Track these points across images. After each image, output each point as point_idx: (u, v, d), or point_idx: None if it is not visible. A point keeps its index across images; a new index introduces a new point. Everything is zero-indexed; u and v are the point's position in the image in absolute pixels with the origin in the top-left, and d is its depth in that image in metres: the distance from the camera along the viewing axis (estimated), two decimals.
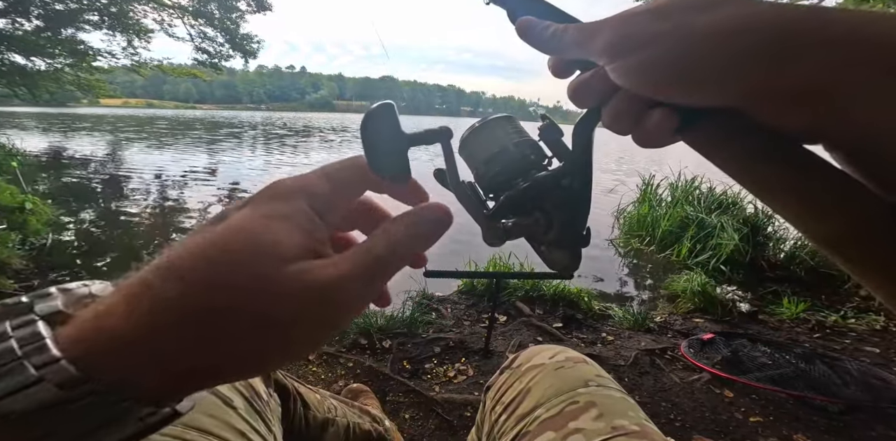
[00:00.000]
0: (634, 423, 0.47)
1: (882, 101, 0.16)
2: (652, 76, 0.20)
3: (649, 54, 0.20)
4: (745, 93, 0.18)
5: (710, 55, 0.18)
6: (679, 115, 0.21)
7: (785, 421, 1.41)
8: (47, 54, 8.41)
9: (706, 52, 0.18)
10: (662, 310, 2.43)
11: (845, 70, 0.16)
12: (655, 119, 0.21)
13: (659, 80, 0.20)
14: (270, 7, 10.29)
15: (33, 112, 32.43)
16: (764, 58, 0.17)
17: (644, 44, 0.20)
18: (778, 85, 0.17)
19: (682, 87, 0.19)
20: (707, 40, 0.18)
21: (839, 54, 0.16)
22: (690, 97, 0.20)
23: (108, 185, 6.08)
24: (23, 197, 3.50)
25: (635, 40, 0.20)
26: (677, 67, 0.19)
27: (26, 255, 2.86)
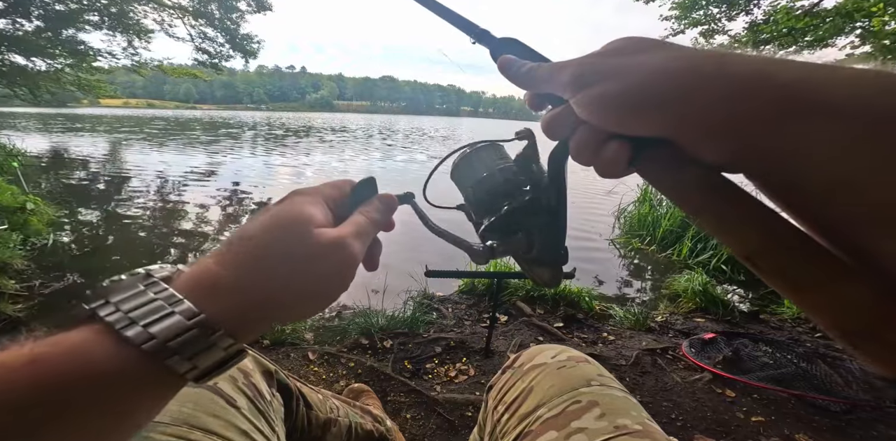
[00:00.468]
0: (637, 423, 0.47)
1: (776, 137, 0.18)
2: (603, 107, 0.24)
3: (601, 88, 0.23)
4: (672, 124, 0.21)
5: (644, 89, 0.22)
6: (631, 147, 0.24)
7: (787, 421, 1.41)
8: (48, 55, 8.41)
9: (642, 86, 0.22)
10: (663, 309, 2.42)
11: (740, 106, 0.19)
12: (611, 149, 0.25)
13: (608, 110, 0.23)
14: (271, 7, 10.29)
15: (32, 112, 32.41)
16: (680, 94, 0.20)
17: (597, 79, 0.24)
18: (691, 119, 0.20)
19: (626, 116, 0.23)
20: (643, 76, 0.22)
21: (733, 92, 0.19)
22: (632, 126, 0.23)
23: (103, 185, 6.09)
24: (24, 197, 3.50)
25: (590, 76, 0.24)
26: (621, 98, 0.22)
27: (28, 255, 2.87)
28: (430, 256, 3.58)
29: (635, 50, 0.24)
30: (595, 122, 0.24)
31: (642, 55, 0.23)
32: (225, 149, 11.67)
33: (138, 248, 3.46)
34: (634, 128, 0.23)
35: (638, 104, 0.22)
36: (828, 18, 5.21)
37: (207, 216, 4.61)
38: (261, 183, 6.77)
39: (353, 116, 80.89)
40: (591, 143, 0.25)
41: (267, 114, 75.58)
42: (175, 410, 0.41)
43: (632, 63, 0.23)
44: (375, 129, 29.54)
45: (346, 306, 2.58)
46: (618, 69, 0.23)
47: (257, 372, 0.52)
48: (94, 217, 4.24)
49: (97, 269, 2.95)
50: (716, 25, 6.48)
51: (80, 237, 3.57)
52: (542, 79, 0.28)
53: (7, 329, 2.05)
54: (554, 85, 0.27)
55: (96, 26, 8.49)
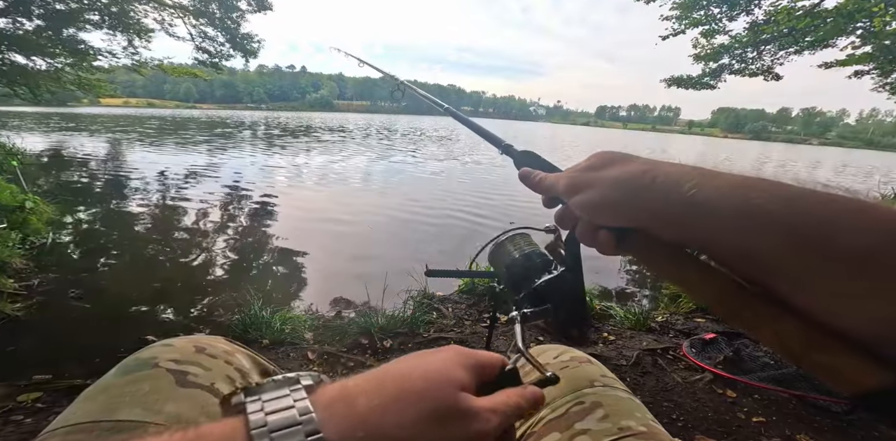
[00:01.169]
0: (641, 424, 0.46)
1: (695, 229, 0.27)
2: (586, 209, 0.33)
3: (583, 196, 0.33)
4: (630, 217, 0.30)
5: (607, 195, 0.31)
6: (614, 234, 0.33)
7: (788, 421, 1.40)
8: (48, 54, 8.40)
9: (606, 193, 0.31)
10: (664, 309, 2.42)
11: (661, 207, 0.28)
12: (601, 236, 0.33)
13: (590, 211, 0.33)
14: (271, 6, 10.28)
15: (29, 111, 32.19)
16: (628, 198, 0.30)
17: (581, 188, 0.33)
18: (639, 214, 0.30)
19: (601, 214, 0.32)
20: (605, 187, 0.32)
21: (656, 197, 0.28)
22: (608, 220, 0.32)
23: (88, 183, 6.08)
24: (23, 196, 3.50)
25: (577, 186, 0.34)
26: (595, 203, 0.32)
27: (27, 254, 2.86)
28: (431, 256, 3.58)
29: (601, 165, 0.33)
30: (587, 218, 0.34)
31: (605, 170, 0.33)
32: (216, 149, 11.67)
33: (137, 248, 3.46)
34: (609, 221, 0.32)
35: (606, 206, 0.32)
36: (828, 19, 5.20)
37: (197, 215, 4.60)
38: (252, 183, 6.77)
39: (353, 116, 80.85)
40: (588, 232, 0.35)
41: (266, 113, 75.56)
42: (173, 412, 0.40)
43: (599, 176, 0.33)
44: (374, 128, 29.44)
45: (347, 304, 2.57)
46: (590, 182, 0.33)
47: (255, 372, 0.52)
48: (91, 215, 4.23)
49: (97, 269, 2.94)
50: (716, 25, 6.47)
51: (80, 236, 3.56)
52: (549, 187, 0.39)
53: (6, 328, 2.05)
54: (556, 192, 0.38)
55: (97, 25, 8.47)
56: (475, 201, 5.87)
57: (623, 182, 0.30)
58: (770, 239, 0.23)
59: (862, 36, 5.26)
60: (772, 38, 5.96)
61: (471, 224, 4.72)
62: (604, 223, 0.33)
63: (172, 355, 0.46)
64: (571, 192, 0.34)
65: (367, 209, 5.21)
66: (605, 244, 0.33)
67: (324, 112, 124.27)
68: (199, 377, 0.44)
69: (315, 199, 5.75)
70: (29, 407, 1.41)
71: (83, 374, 1.63)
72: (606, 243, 0.33)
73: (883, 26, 4.74)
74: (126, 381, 0.42)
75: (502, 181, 7.72)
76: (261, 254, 3.56)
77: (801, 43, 5.84)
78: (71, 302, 2.42)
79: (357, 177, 7.84)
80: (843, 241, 0.21)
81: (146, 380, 0.42)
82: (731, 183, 0.26)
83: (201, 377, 0.44)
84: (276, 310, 2.14)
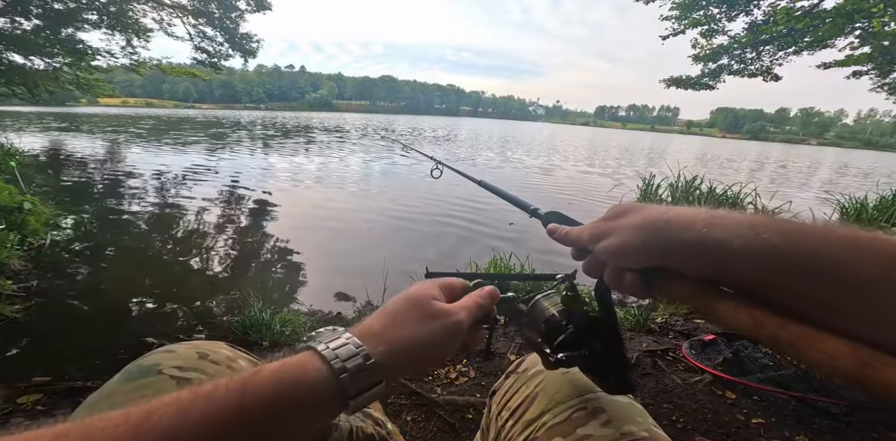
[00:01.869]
0: (643, 429, 0.47)
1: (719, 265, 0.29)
2: (611, 254, 0.37)
3: (606, 242, 0.37)
4: (654, 257, 0.33)
5: (628, 240, 0.35)
6: (640, 275, 0.35)
7: (787, 423, 1.41)
8: (46, 53, 8.37)
9: (626, 238, 0.35)
10: (663, 311, 2.42)
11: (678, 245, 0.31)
12: (628, 279, 0.36)
13: (617, 255, 0.36)
14: (270, 6, 10.26)
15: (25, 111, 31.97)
16: (647, 239, 0.33)
17: (603, 236, 0.37)
18: (663, 253, 0.32)
19: (628, 256, 0.35)
20: (626, 232, 0.35)
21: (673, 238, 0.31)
22: (632, 262, 0.36)
23: (75, 181, 6.07)
24: (21, 197, 3.48)
25: (600, 235, 0.38)
26: (619, 247, 0.35)
27: (25, 255, 2.85)
28: (431, 257, 3.58)
29: (619, 215, 0.37)
30: (613, 263, 0.38)
31: (623, 218, 0.36)
32: (207, 149, 11.64)
33: (136, 248, 3.45)
34: (633, 263, 0.35)
35: (628, 249, 0.34)
36: (827, 19, 5.21)
37: (195, 216, 4.60)
38: (250, 185, 6.76)
39: (352, 116, 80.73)
40: (616, 276, 0.37)
41: (265, 113, 75.45)
42: None
43: (619, 224, 0.36)
44: (371, 128, 29.06)
45: (347, 305, 2.57)
46: (611, 229, 0.37)
47: None
48: (88, 216, 4.22)
49: (96, 270, 2.94)
50: (716, 26, 6.48)
51: (79, 237, 3.55)
52: (575, 238, 0.44)
53: (5, 330, 2.04)
54: (581, 242, 0.42)
55: (95, 25, 8.45)
56: (473, 205, 5.88)
57: (640, 226, 0.34)
58: (781, 270, 0.26)
59: (860, 36, 5.27)
60: (770, 39, 5.97)
61: (468, 225, 4.72)
62: (628, 265, 0.36)
63: (175, 362, 0.46)
64: (596, 240, 0.38)
65: (367, 211, 5.21)
66: (633, 285, 0.36)
67: (323, 112, 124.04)
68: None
69: (313, 201, 5.75)
70: (29, 409, 1.41)
71: (83, 376, 1.62)
72: (634, 284, 0.36)
73: (882, 27, 4.75)
74: (130, 388, 0.42)
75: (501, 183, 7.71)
76: (260, 255, 3.56)
77: (799, 43, 5.85)
78: (70, 303, 2.41)
79: (355, 178, 7.83)
80: (851, 271, 0.23)
81: (150, 387, 0.42)
82: (739, 221, 0.29)
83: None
84: (276, 311, 2.14)
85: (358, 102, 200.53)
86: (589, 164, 11.52)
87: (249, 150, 11.57)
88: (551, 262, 3.22)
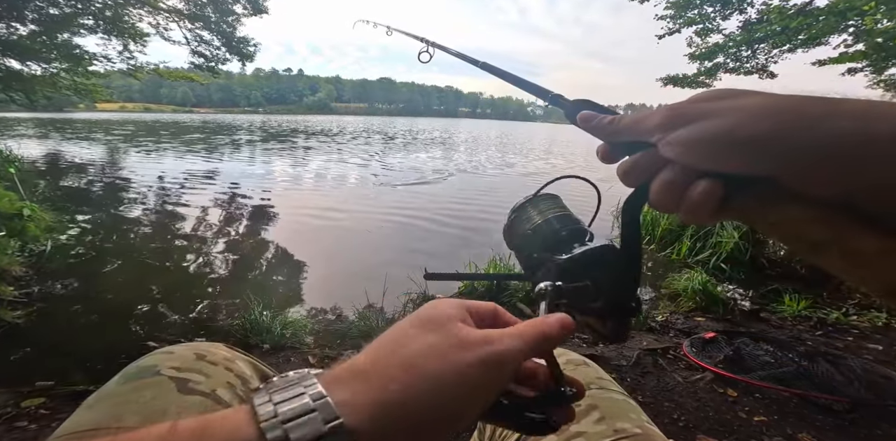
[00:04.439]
0: (637, 426, 0.47)
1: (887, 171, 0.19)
2: (703, 144, 0.23)
3: (700, 126, 0.23)
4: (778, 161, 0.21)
5: (750, 126, 0.22)
6: (724, 185, 0.24)
7: (789, 420, 1.41)
8: (43, 59, 8.37)
9: (748, 123, 0.22)
10: (664, 309, 2.42)
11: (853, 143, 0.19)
12: (702, 188, 0.24)
13: (708, 148, 0.23)
14: (267, 10, 10.27)
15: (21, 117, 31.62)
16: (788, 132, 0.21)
17: (695, 118, 0.24)
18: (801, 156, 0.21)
19: (729, 153, 0.23)
20: (747, 115, 0.22)
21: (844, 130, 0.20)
22: (734, 164, 0.23)
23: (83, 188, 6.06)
24: (21, 204, 3.48)
25: (687, 116, 0.24)
26: (725, 135, 0.22)
27: (26, 261, 2.85)
28: (429, 259, 3.58)
29: (730, 95, 0.24)
30: (690, 160, 0.24)
31: (742, 99, 0.24)
32: (208, 152, 11.64)
33: (137, 253, 3.45)
34: (736, 165, 0.23)
35: (744, 140, 0.22)
36: (821, 17, 5.23)
37: (193, 220, 4.60)
38: (249, 188, 6.77)
39: (351, 119, 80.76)
40: (679, 184, 0.25)
41: (263, 117, 75.41)
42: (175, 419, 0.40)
43: (734, 104, 0.23)
44: (366, 131, 28.58)
45: (347, 307, 2.57)
46: (717, 110, 0.23)
47: (255, 378, 0.52)
48: (88, 222, 4.22)
49: (99, 275, 2.93)
50: (710, 25, 6.50)
51: (80, 243, 3.55)
52: (626, 127, 0.29)
53: (7, 335, 2.04)
54: (640, 131, 0.27)
55: (91, 30, 8.45)
56: (473, 206, 5.88)
57: (775, 111, 0.22)
58: None
59: (854, 34, 5.29)
60: (765, 37, 5.99)
61: (474, 223, 4.72)
62: (719, 168, 0.23)
63: (173, 363, 0.46)
64: (675, 124, 0.25)
65: (365, 213, 5.21)
66: (706, 199, 0.24)
67: (321, 115, 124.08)
68: (201, 384, 0.44)
69: (311, 203, 5.75)
70: (33, 413, 1.41)
71: (86, 380, 1.63)
72: (708, 198, 0.24)
73: (874, 24, 4.77)
74: (129, 389, 0.42)
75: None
76: (260, 259, 3.56)
77: (794, 41, 5.87)
78: (71, 308, 2.41)
79: (352, 181, 7.83)
80: None
81: (149, 387, 0.42)
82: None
83: (202, 384, 0.44)
84: (276, 314, 2.14)
85: (356, 105, 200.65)
86: (588, 168, 11.54)
87: (255, 155, 11.56)
88: None
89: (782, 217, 0.23)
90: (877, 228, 0.20)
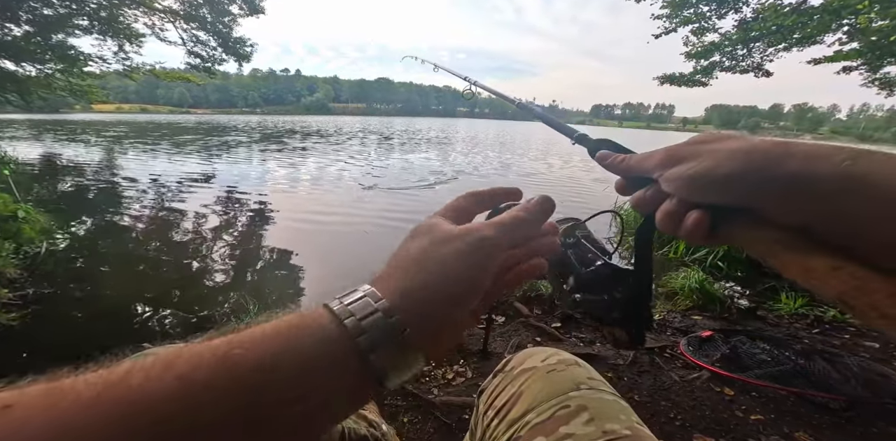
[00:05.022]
0: (626, 427, 0.46)
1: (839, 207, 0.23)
2: (690, 180, 0.29)
3: (688, 165, 0.29)
4: (750, 194, 0.26)
5: (727, 165, 0.27)
6: (710, 215, 0.29)
7: (786, 419, 1.41)
8: (37, 60, 8.33)
9: (725, 163, 0.27)
10: (660, 307, 2.42)
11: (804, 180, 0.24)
12: (693, 218, 0.29)
13: (694, 183, 0.29)
14: (263, 10, 10.24)
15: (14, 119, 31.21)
16: (756, 169, 0.26)
17: (685, 159, 0.30)
18: (767, 190, 0.26)
19: (711, 188, 0.28)
20: (725, 156, 0.27)
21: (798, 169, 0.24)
22: (715, 196, 0.28)
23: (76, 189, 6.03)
24: (16, 205, 3.46)
25: (678, 157, 0.30)
26: (707, 173, 0.28)
27: (21, 264, 2.83)
28: None
29: (712, 140, 0.30)
30: (681, 194, 0.30)
31: (718, 143, 0.29)
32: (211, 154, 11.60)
33: (132, 256, 3.43)
34: (713, 197, 0.28)
35: (717, 177, 0.27)
36: (815, 16, 5.24)
37: (190, 222, 4.58)
38: (246, 189, 6.75)
39: (349, 119, 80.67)
40: (676, 213, 0.31)
41: (260, 117, 75.22)
42: None
43: (715, 147, 0.29)
44: (362, 132, 28.14)
45: None
46: (702, 152, 0.29)
47: None
48: (84, 225, 4.19)
49: (93, 277, 2.92)
50: (706, 24, 6.51)
51: (75, 245, 3.53)
52: (634, 165, 0.35)
53: (2, 337, 2.02)
54: (644, 168, 0.33)
55: (86, 31, 8.41)
56: None
57: (743, 151, 0.27)
58: None
59: (848, 33, 5.31)
60: (760, 36, 6.00)
61: None
62: (704, 200, 0.29)
63: None
64: (668, 164, 0.30)
65: (361, 214, 5.20)
66: (696, 226, 0.29)
67: (319, 115, 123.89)
68: None
69: (308, 205, 5.73)
70: None
71: None
72: (698, 225, 0.29)
73: (868, 23, 4.78)
74: None
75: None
76: (255, 260, 3.54)
77: (789, 40, 5.89)
78: (66, 311, 2.39)
79: (349, 183, 7.82)
80: None
81: None
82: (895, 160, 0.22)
83: None
84: (272, 315, 2.12)
85: (355, 105, 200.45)
86: (585, 169, 11.55)
87: (257, 155, 11.53)
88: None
89: (757, 240, 0.27)
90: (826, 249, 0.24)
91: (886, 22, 4.61)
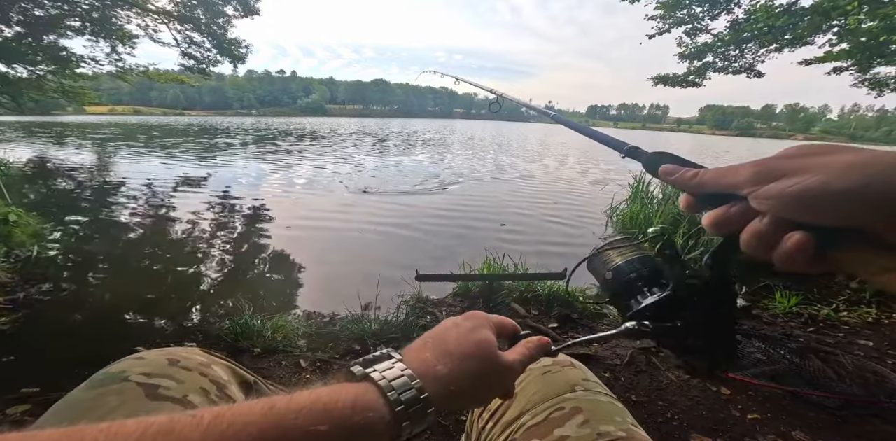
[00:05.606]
0: (621, 429, 0.46)
1: None
2: (794, 198, 0.25)
3: (793, 181, 0.25)
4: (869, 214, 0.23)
5: (842, 181, 0.23)
6: (814, 237, 0.25)
7: (782, 418, 1.41)
8: (28, 61, 8.23)
9: (840, 178, 0.23)
10: None
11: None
12: (795, 239, 0.25)
13: (800, 201, 0.25)
14: (258, 11, 10.20)
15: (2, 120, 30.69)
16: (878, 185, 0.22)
17: (784, 174, 0.26)
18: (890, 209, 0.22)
19: (819, 206, 0.24)
20: (839, 170, 0.24)
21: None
22: (827, 216, 0.24)
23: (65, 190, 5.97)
24: (6, 209, 3.42)
25: (777, 171, 0.26)
26: (819, 190, 0.24)
27: (11, 267, 2.80)
28: (422, 260, 3.57)
29: (821, 152, 0.26)
30: (783, 213, 0.26)
31: (822, 156, 0.25)
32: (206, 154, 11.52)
33: (125, 259, 3.39)
34: (827, 217, 0.24)
35: (837, 193, 0.23)
36: (805, 17, 5.30)
37: (188, 224, 4.55)
38: (240, 192, 6.71)
39: (345, 120, 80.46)
40: (769, 234, 0.27)
41: (255, 119, 74.82)
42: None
43: (825, 160, 0.25)
44: (357, 134, 27.58)
45: (339, 310, 2.55)
46: (808, 166, 0.25)
47: (234, 383, 0.50)
48: (78, 226, 4.15)
49: (86, 280, 2.88)
50: (699, 24, 6.57)
51: (67, 248, 3.49)
52: (710, 181, 0.31)
53: None
54: (725, 184, 0.30)
55: (78, 32, 8.33)
56: (472, 206, 5.88)
57: (863, 167, 0.23)
58: None
59: (838, 33, 5.37)
60: (752, 36, 6.06)
61: (460, 229, 4.72)
62: (811, 220, 0.25)
63: (143, 369, 0.45)
64: (767, 178, 0.26)
65: (357, 216, 5.18)
66: (797, 251, 0.25)
67: (315, 116, 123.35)
68: (171, 390, 0.43)
69: (305, 206, 5.71)
70: (17, 419, 1.39)
71: (72, 387, 1.58)
72: (800, 249, 0.25)
73: (858, 24, 4.84)
74: (93, 395, 0.41)
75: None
76: (250, 263, 3.52)
77: (780, 41, 5.95)
78: (58, 314, 2.36)
79: (345, 183, 7.79)
80: None
81: (114, 394, 0.41)
82: None
83: (173, 390, 0.43)
84: (267, 318, 2.11)
85: (351, 106, 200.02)
86: (581, 170, 11.58)
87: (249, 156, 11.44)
88: (546, 263, 3.22)
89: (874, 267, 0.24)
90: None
91: (875, 23, 4.66)
